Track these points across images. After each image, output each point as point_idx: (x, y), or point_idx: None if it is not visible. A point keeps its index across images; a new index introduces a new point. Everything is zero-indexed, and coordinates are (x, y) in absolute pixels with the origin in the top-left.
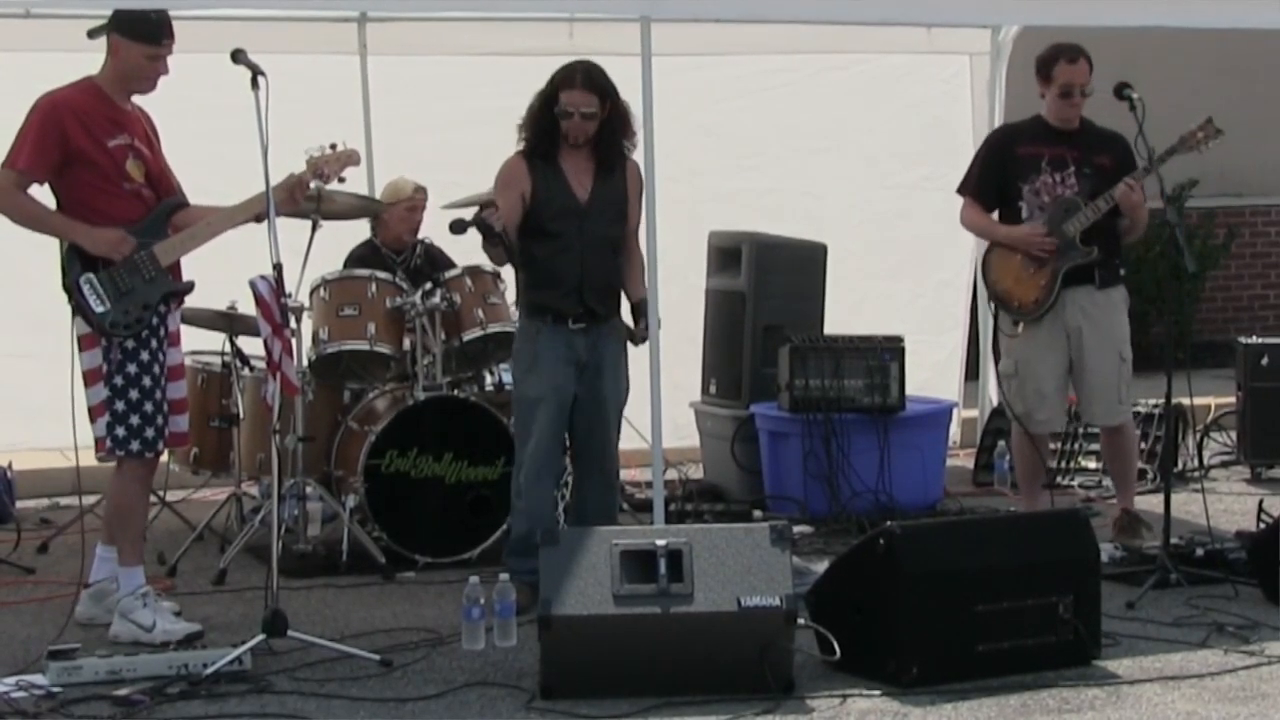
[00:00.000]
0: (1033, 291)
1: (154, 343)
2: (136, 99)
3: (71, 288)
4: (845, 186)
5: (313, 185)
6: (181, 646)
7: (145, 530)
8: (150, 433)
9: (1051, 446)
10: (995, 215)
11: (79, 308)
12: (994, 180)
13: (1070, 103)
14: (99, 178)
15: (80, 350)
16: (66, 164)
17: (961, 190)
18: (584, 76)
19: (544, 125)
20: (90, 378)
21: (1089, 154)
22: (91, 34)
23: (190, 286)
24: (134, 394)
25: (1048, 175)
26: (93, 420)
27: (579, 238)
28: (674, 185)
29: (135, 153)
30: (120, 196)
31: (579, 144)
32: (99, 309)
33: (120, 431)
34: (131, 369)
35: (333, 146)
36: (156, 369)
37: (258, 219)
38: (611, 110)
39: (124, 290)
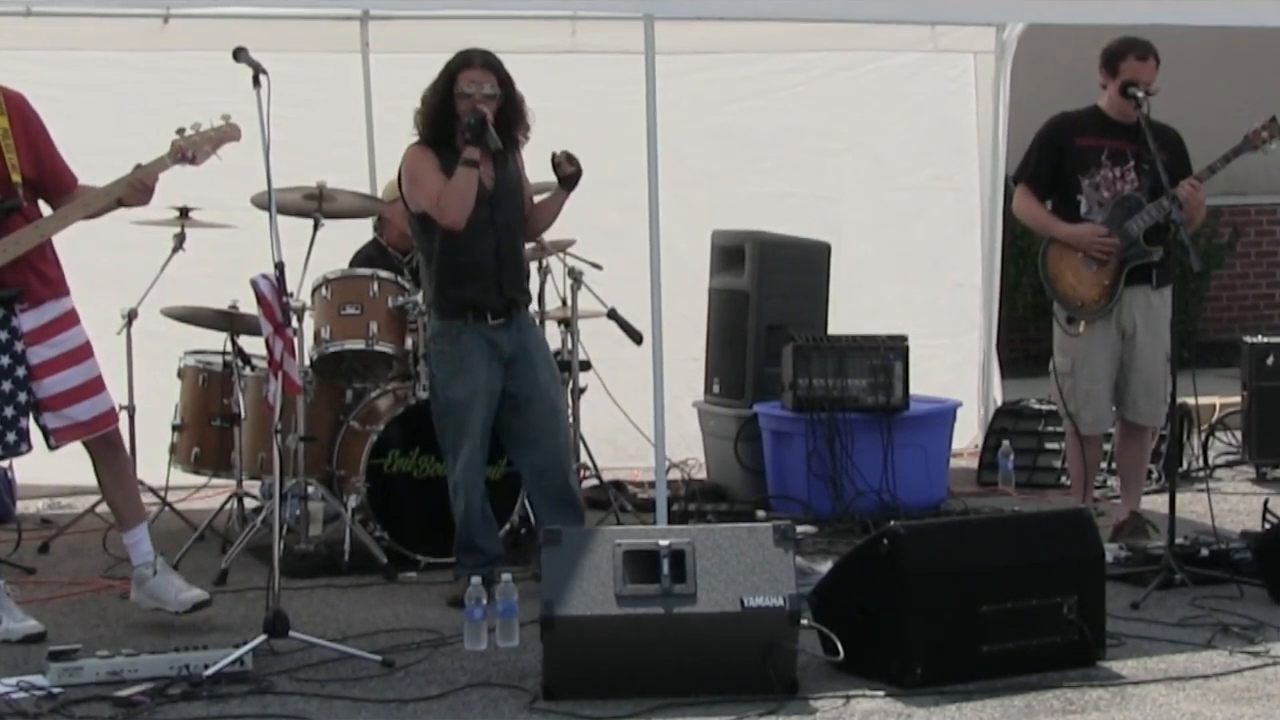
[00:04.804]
0: (1095, 290)
1: None
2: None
3: None
4: (858, 189)
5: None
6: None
7: None
8: None
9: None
10: (1048, 205)
11: None
12: (1051, 169)
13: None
14: None
15: None
16: None
17: (1018, 178)
18: (481, 58)
19: (443, 110)
20: None
21: (1147, 149)
22: None
23: (15, 293)
24: None
25: (1108, 169)
26: None
27: (491, 226)
28: (687, 190)
29: None
30: None
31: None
32: None
33: None
34: None
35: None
36: None
37: (90, 216)
38: (507, 100)
39: None
